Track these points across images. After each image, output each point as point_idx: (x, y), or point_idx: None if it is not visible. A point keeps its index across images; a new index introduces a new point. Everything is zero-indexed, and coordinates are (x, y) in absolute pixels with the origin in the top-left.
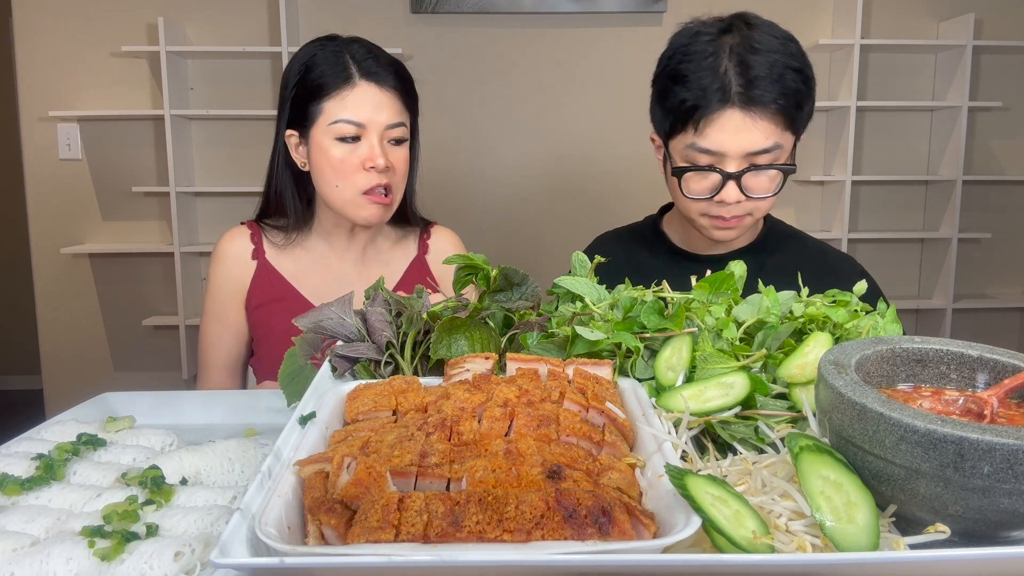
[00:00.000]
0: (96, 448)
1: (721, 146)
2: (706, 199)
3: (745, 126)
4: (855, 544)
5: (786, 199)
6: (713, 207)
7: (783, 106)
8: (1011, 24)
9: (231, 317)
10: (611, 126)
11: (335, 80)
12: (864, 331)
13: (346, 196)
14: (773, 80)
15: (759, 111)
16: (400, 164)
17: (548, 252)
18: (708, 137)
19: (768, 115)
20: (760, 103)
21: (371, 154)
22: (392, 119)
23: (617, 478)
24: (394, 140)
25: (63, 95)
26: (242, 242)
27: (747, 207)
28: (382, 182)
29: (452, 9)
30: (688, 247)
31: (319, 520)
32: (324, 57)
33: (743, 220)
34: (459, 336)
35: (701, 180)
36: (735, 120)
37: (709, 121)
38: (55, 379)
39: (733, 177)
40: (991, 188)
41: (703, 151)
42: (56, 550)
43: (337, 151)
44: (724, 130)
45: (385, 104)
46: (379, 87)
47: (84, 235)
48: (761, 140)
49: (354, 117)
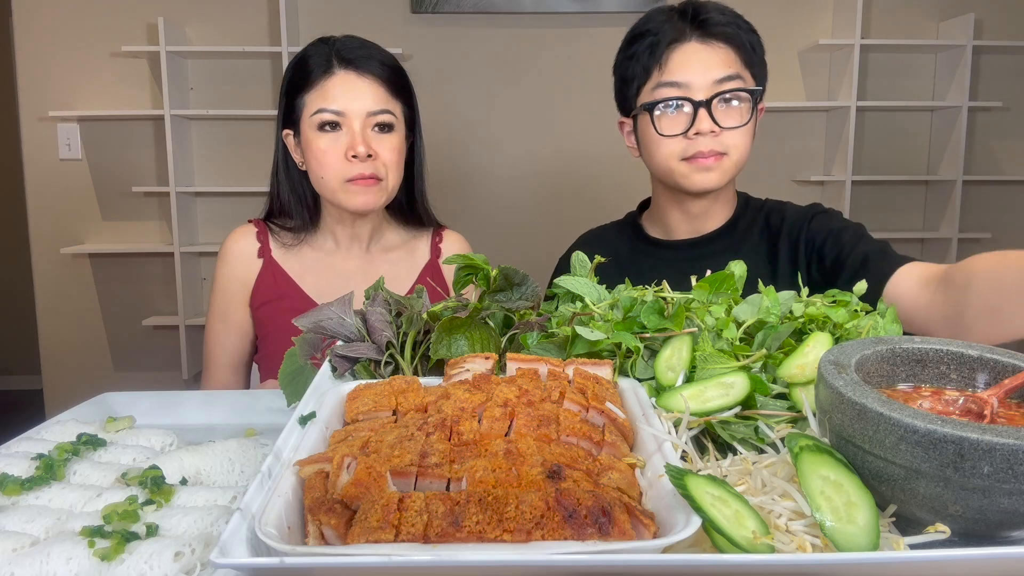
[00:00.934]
0: (96, 448)
1: (686, 76)
2: (681, 134)
3: (705, 55)
4: (855, 544)
5: (786, 199)
6: (689, 145)
7: (736, 36)
8: (1011, 24)
9: (236, 315)
10: (611, 126)
11: (316, 72)
12: (864, 331)
13: (332, 185)
14: (725, 19)
15: (717, 40)
16: (387, 152)
17: (548, 252)
18: (672, 71)
19: (726, 44)
20: (714, 32)
21: (352, 141)
22: (374, 106)
23: (617, 478)
24: (378, 126)
25: (63, 95)
26: (248, 240)
27: (723, 142)
28: (366, 172)
29: (452, 9)
30: (664, 236)
31: (319, 520)
32: (312, 53)
33: (720, 160)
34: (459, 336)
35: (673, 119)
36: (694, 50)
37: (670, 55)
38: (55, 379)
39: (703, 104)
40: (991, 188)
41: (670, 84)
42: (56, 550)
43: (321, 141)
44: (686, 60)
45: (365, 91)
46: (358, 74)
47: (84, 235)
48: (723, 67)
49: (332, 105)
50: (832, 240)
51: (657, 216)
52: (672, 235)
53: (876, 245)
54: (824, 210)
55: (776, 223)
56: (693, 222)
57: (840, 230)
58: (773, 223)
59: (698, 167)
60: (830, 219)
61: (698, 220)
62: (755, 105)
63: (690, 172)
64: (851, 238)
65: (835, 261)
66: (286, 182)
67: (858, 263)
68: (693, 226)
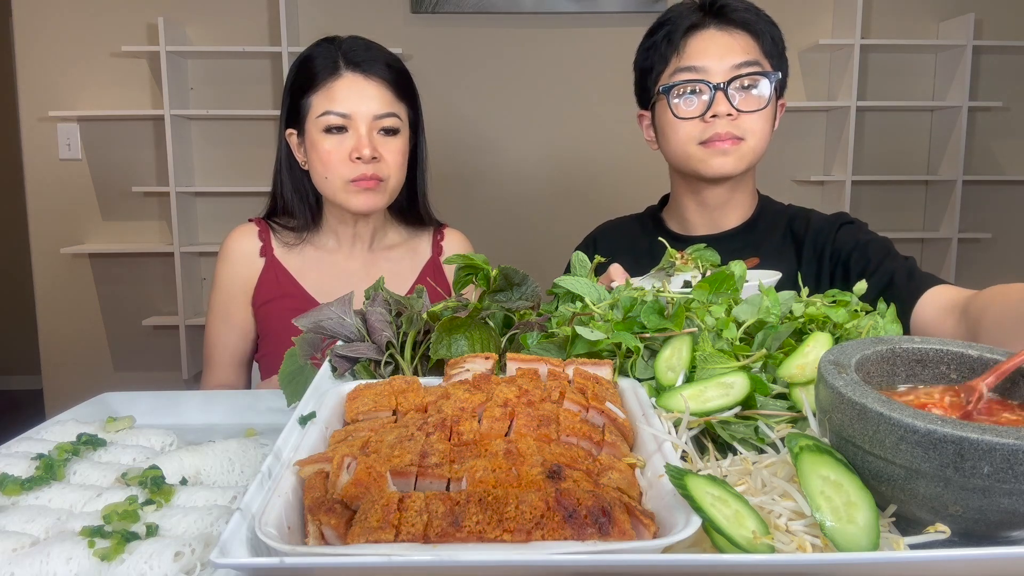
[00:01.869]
0: (96, 448)
1: (704, 60)
2: (699, 117)
3: (724, 41)
4: (855, 544)
5: (786, 199)
6: (707, 128)
7: (754, 22)
8: (1011, 24)
9: (237, 314)
10: (611, 126)
11: (322, 73)
12: (864, 331)
13: (336, 186)
14: (744, 6)
15: (734, 27)
16: (392, 155)
17: (548, 252)
18: (691, 56)
19: (745, 31)
20: (733, 18)
21: (357, 144)
22: (380, 109)
23: (617, 478)
24: (384, 130)
25: (63, 95)
26: (250, 240)
27: (740, 126)
28: (368, 173)
29: (452, 9)
30: (684, 231)
31: (319, 520)
32: (317, 53)
33: (738, 144)
34: (459, 336)
35: (691, 101)
36: (713, 35)
37: (688, 40)
38: (55, 379)
39: (720, 88)
40: (991, 188)
41: (688, 69)
42: (56, 550)
43: (326, 143)
44: (704, 44)
45: (372, 94)
46: (365, 77)
47: (84, 235)
48: (741, 52)
49: (339, 108)
50: (859, 253)
51: (675, 211)
52: (691, 230)
53: (903, 264)
54: (851, 220)
55: (800, 229)
56: (711, 214)
57: (867, 243)
58: (797, 229)
59: (715, 151)
60: (857, 231)
61: (716, 212)
62: (775, 95)
63: (707, 156)
64: (877, 252)
65: (860, 275)
66: (288, 181)
67: (884, 281)
68: (711, 219)
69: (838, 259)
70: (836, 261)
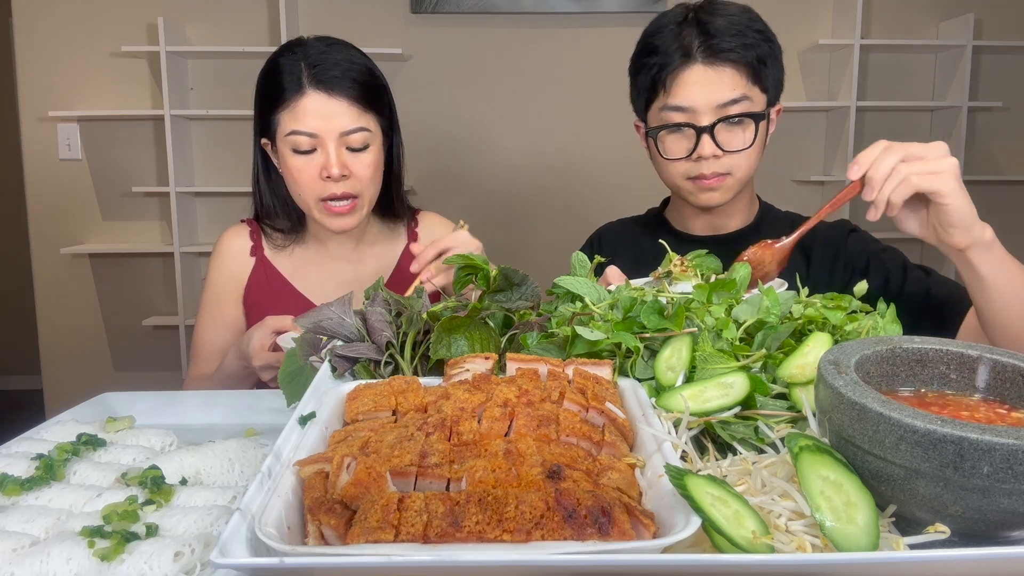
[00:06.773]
0: (96, 448)
1: (690, 100)
2: (684, 158)
3: (709, 78)
4: (855, 544)
5: (786, 199)
6: (693, 167)
7: (744, 56)
8: (1011, 24)
9: (227, 312)
10: (611, 125)
11: (288, 90)
12: (864, 331)
13: (309, 203)
14: (732, 35)
15: (722, 63)
16: (363, 169)
17: (548, 251)
18: (677, 94)
19: (731, 66)
20: (721, 55)
21: (326, 163)
22: (347, 125)
23: (617, 478)
24: (351, 148)
25: (63, 95)
26: (241, 239)
27: (726, 164)
28: (337, 192)
29: (452, 9)
30: (687, 231)
31: (319, 520)
32: (282, 64)
33: (724, 180)
34: (459, 336)
35: (677, 140)
36: (699, 74)
37: (675, 78)
38: (55, 379)
39: (706, 130)
40: (991, 188)
41: (675, 109)
42: (56, 550)
43: (295, 161)
44: (690, 84)
45: (337, 111)
46: (329, 95)
47: (84, 235)
48: (727, 91)
49: (306, 128)
50: (876, 263)
51: (676, 214)
52: (695, 231)
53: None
54: (854, 228)
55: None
56: (711, 220)
57: (880, 251)
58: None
59: (702, 187)
60: (866, 240)
61: (717, 218)
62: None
63: (695, 191)
64: (892, 261)
65: (881, 288)
66: (267, 188)
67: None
68: (712, 224)
69: (854, 267)
70: (851, 268)
